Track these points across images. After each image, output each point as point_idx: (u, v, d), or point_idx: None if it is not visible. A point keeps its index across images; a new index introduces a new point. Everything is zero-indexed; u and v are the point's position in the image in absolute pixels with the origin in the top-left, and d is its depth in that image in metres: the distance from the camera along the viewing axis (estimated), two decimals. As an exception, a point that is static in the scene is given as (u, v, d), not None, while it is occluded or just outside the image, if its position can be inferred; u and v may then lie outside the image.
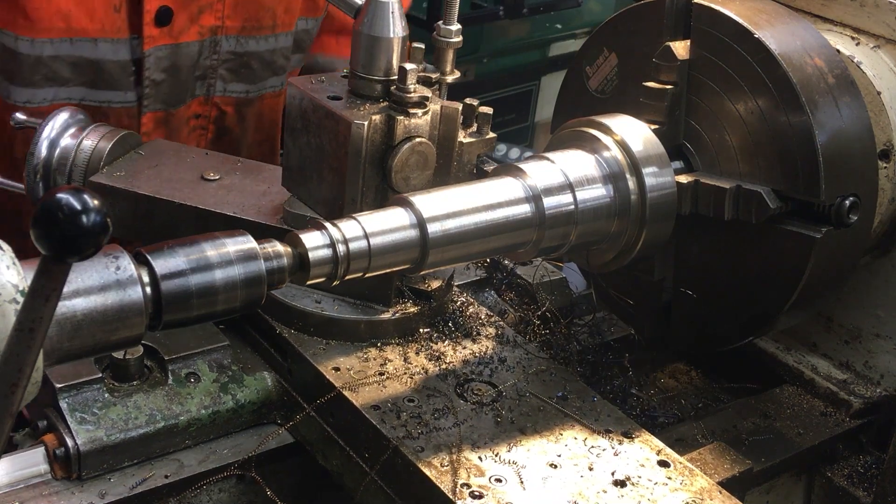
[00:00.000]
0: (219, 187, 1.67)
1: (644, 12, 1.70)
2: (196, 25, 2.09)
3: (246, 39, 2.18)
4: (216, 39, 2.13)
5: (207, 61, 2.15)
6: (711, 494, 1.33)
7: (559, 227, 1.48)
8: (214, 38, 2.13)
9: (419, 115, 1.47)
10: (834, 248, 1.55)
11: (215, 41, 2.13)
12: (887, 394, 1.75)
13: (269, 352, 1.58)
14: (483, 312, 1.65)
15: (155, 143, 1.84)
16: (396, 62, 1.48)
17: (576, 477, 1.33)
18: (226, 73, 2.20)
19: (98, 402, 1.44)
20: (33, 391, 1.06)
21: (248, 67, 2.22)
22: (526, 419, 1.42)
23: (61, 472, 1.41)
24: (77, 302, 1.09)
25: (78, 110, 1.81)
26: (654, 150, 1.55)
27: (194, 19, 2.08)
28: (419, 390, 1.45)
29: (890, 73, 1.67)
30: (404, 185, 1.48)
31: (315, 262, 1.28)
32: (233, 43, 2.16)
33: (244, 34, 2.17)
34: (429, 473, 1.31)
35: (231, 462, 1.47)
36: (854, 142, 1.55)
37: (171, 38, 2.06)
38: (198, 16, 2.08)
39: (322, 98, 1.49)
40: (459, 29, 1.56)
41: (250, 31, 2.18)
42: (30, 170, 1.73)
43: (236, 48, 2.18)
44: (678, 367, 1.86)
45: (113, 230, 1.73)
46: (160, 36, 2.04)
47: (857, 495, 1.67)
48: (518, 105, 4.80)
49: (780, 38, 1.54)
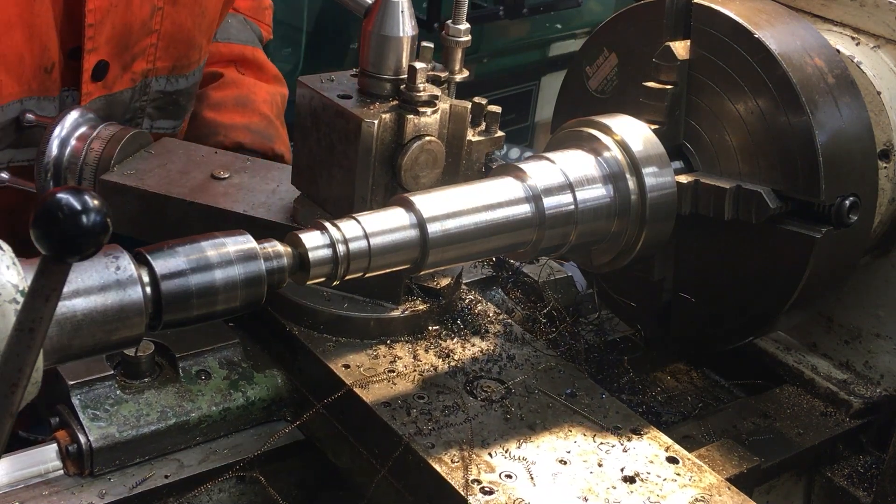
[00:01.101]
0: (229, 185, 1.68)
1: (644, 12, 1.70)
2: (129, 72, 2.03)
3: (176, 78, 2.14)
4: (147, 82, 2.08)
5: (137, 104, 2.10)
6: (720, 491, 1.34)
7: (559, 227, 1.49)
8: (145, 81, 2.08)
9: (429, 113, 1.48)
10: (834, 248, 1.56)
11: (146, 83, 2.08)
12: (887, 394, 1.76)
13: (279, 349, 1.59)
14: (491, 310, 1.65)
15: (164, 142, 1.85)
16: (406, 61, 1.49)
17: (585, 473, 1.34)
18: (153, 111, 2.14)
19: (110, 398, 1.45)
20: (33, 391, 1.07)
21: (176, 104, 2.18)
22: (535, 416, 1.43)
23: (74, 468, 1.41)
24: (77, 302, 1.10)
25: (88, 110, 1.82)
26: (654, 150, 1.56)
27: (127, 67, 2.02)
28: (429, 387, 1.46)
29: (890, 73, 1.68)
30: (414, 184, 1.49)
31: (315, 262, 1.29)
32: (162, 83, 2.12)
33: (174, 73, 2.13)
34: (440, 470, 1.32)
35: (231, 462, 1.47)
36: (854, 142, 1.55)
37: (106, 89, 2.00)
38: (130, 63, 2.02)
39: (332, 97, 1.50)
40: (468, 28, 1.57)
41: (180, 69, 2.13)
42: (40, 169, 1.73)
43: (166, 87, 2.13)
44: (678, 367, 1.86)
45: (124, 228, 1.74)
46: (96, 90, 1.97)
47: (857, 495, 1.68)
48: (518, 105, 4.80)
49: (780, 38, 1.55)
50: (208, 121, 2.30)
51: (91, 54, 1.92)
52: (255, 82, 2.40)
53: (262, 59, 2.46)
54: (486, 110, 1.60)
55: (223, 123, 2.29)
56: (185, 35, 2.09)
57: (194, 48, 2.14)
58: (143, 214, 1.67)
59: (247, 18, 2.46)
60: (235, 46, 2.40)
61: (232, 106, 2.32)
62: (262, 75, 2.43)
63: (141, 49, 2.02)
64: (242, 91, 2.36)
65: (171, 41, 2.07)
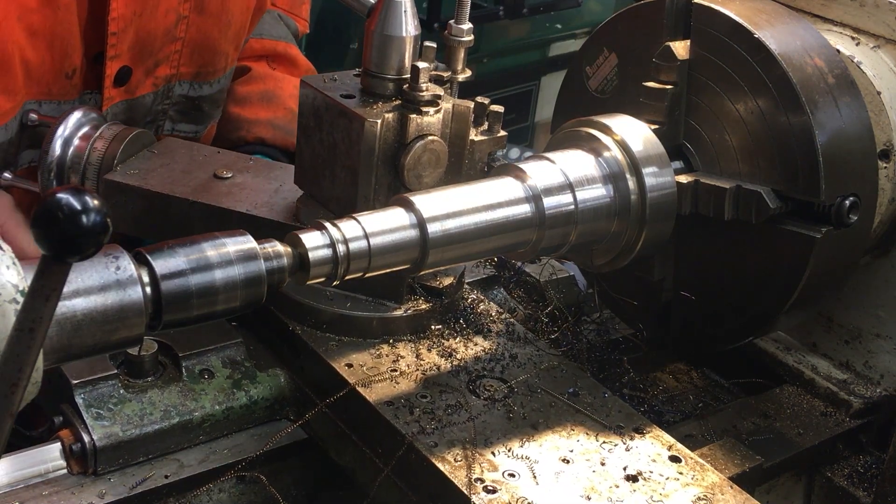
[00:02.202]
0: (231, 185, 1.68)
1: (644, 12, 1.70)
2: (151, 77, 2.02)
3: (200, 85, 2.12)
4: (170, 86, 2.07)
5: (159, 107, 2.09)
6: (723, 490, 1.34)
7: (559, 227, 1.49)
8: (168, 86, 2.06)
9: (431, 113, 1.48)
10: (834, 248, 1.56)
11: (169, 88, 2.07)
12: (887, 394, 1.76)
13: (282, 348, 1.59)
14: (493, 309, 1.66)
15: (167, 141, 1.85)
16: (409, 61, 1.49)
17: (588, 472, 1.34)
18: (175, 114, 2.13)
19: (113, 397, 1.45)
20: (33, 391, 1.06)
21: (199, 110, 2.16)
22: (538, 415, 1.43)
23: (77, 467, 1.42)
24: (77, 302, 1.09)
25: (91, 109, 1.82)
26: (654, 150, 1.56)
27: (150, 72, 2.01)
28: (431, 386, 1.46)
29: (890, 73, 1.68)
30: (417, 183, 1.50)
31: (315, 261, 1.28)
32: (186, 88, 2.10)
33: (198, 80, 2.11)
34: (443, 468, 1.32)
35: (231, 462, 1.47)
36: (854, 142, 1.56)
37: (128, 93, 1.99)
38: (153, 69, 2.01)
39: (335, 96, 1.50)
40: (471, 28, 1.57)
41: (204, 76, 2.12)
42: (44, 168, 1.73)
43: (189, 93, 2.11)
44: (678, 367, 1.86)
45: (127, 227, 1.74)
46: (118, 94, 1.97)
47: (857, 495, 1.68)
48: (518, 105, 4.80)
49: (780, 38, 1.55)
50: (232, 116, 2.28)
51: (114, 61, 1.91)
52: (283, 76, 2.36)
53: (295, 53, 2.42)
54: (489, 110, 1.60)
55: (247, 118, 2.27)
56: (211, 43, 2.08)
57: (219, 56, 2.12)
58: (146, 214, 1.67)
59: (282, 14, 2.43)
60: (268, 42, 2.36)
61: (257, 101, 2.29)
62: (294, 70, 2.39)
63: (165, 55, 2.01)
64: (269, 86, 2.32)
65: (196, 48, 2.06)
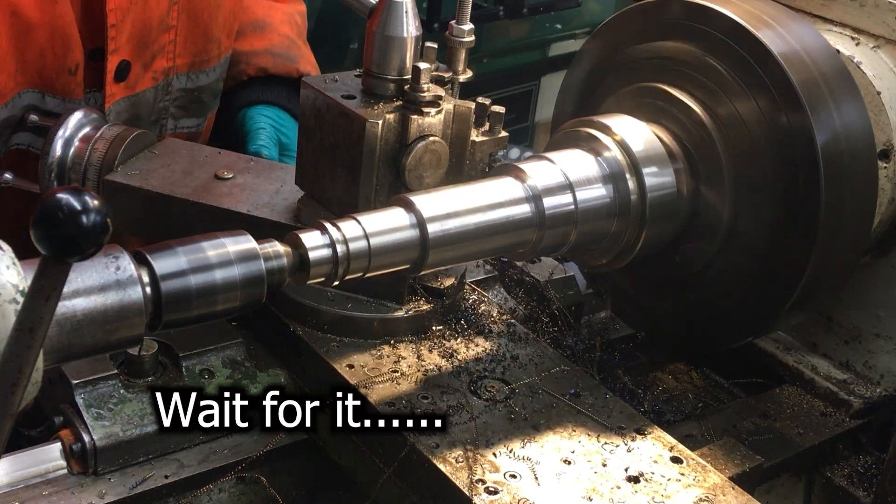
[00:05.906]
0: (232, 185, 1.68)
1: (644, 12, 1.71)
2: (150, 71, 2.01)
3: (196, 75, 2.11)
4: (168, 80, 2.06)
5: (161, 104, 2.08)
6: (724, 490, 1.34)
7: (559, 227, 1.49)
8: (167, 80, 2.06)
9: (432, 113, 1.48)
10: (834, 248, 1.57)
11: (167, 82, 2.06)
12: (887, 394, 1.76)
13: (283, 349, 1.59)
14: (495, 310, 1.65)
15: (168, 142, 1.84)
16: (410, 61, 1.49)
17: (590, 473, 1.34)
18: (176, 110, 2.12)
19: (114, 397, 1.45)
20: (33, 391, 1.06)
21: (199, 101, 2.15)
22: (539, 416, 1.43)
23: (77, 467, 1.41)
24: (77, 302, 1.09)
25: (92, 110, 1.81)
26: (654, 150, 1.57)
27: (148, 66, 2.00)
28: (432, 387, 1.46)
29: (890, 73, 1.69)
30: (418, 184, 1.50)
31: (315, 262, 1.29)
32: (183, 80, 2.09)
33: (194, 69, 2.10)
34: (444, 469, 1.31)
35: (231, 462, 1.47)
36: (854, 142, 1.56)
37: (129, 89, 1.98)
38: (151, 62, 2.00)
39: (336, 97, 1.50)
40: (472, 28, 1.57)
41: (200, 65, 2.11)
42: (44, 169, 1.73)
43: (187, 85, 2.10)
44: (678, 367, 1.87)
45: (128, 228, 1.74)
46: (119, 91, 1.96)
47: (857, 495, 1.68)
48: (518, 105, 4.79)
49: (780, 38, 1.56)
50: None
51: (113, 55, 1.91)
52: (270, 4, 2.33)
53: None
54: (490, 110, 1.60)
55: (243, 51, 2.24)
56: (202, 28, 2.07)
57: (212, 42, 2.11)
58: (146, 215, 1.67)
59: None
60: None
61: (250, 31, 2.26)
62: None
63: (160, 46, 2.01)
64: (258, 14, 2.29)
65: (189, 36, 2.05)
